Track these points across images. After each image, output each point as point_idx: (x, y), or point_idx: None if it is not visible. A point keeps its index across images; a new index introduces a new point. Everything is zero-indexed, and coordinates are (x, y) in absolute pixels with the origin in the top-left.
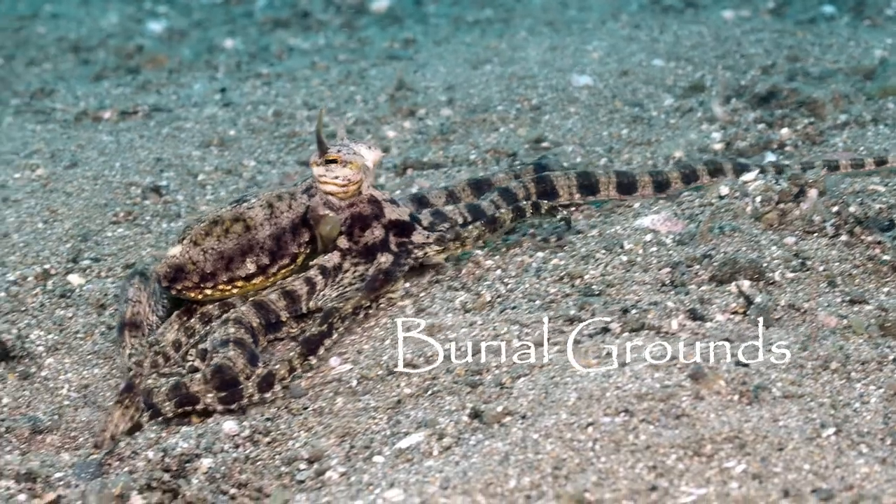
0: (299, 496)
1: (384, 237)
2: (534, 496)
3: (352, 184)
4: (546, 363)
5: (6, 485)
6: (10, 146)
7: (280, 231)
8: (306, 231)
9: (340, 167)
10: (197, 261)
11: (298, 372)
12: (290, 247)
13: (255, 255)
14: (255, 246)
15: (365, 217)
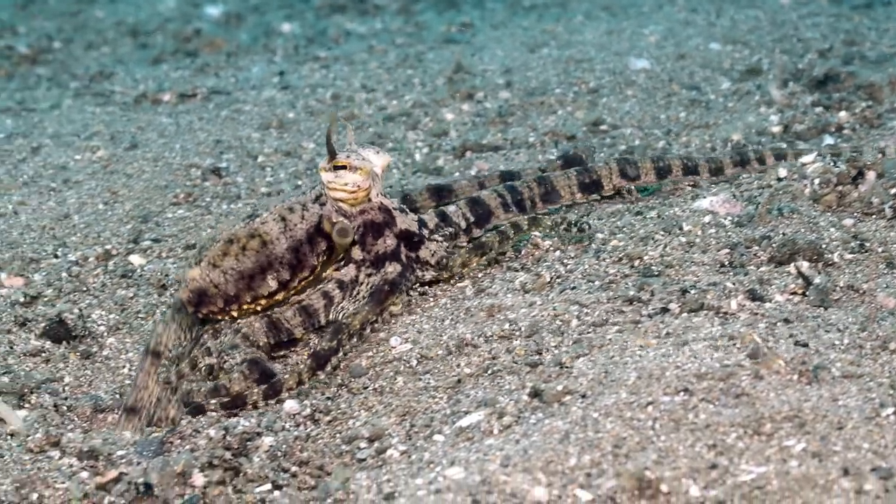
0: (360, 474)
1: (396, 247)
2: (594, 474)
3: (361, 190)
4: (605, 343)
5: (69, 462)
6: (70, 128)
7: (297, 243)
8: (322, 240)
9: (350, 173)
10: (218, 283)
11: (306, 386)
12: (310, 258)
13: (276, 271)
14: (275, 261)
15: (377, 225)
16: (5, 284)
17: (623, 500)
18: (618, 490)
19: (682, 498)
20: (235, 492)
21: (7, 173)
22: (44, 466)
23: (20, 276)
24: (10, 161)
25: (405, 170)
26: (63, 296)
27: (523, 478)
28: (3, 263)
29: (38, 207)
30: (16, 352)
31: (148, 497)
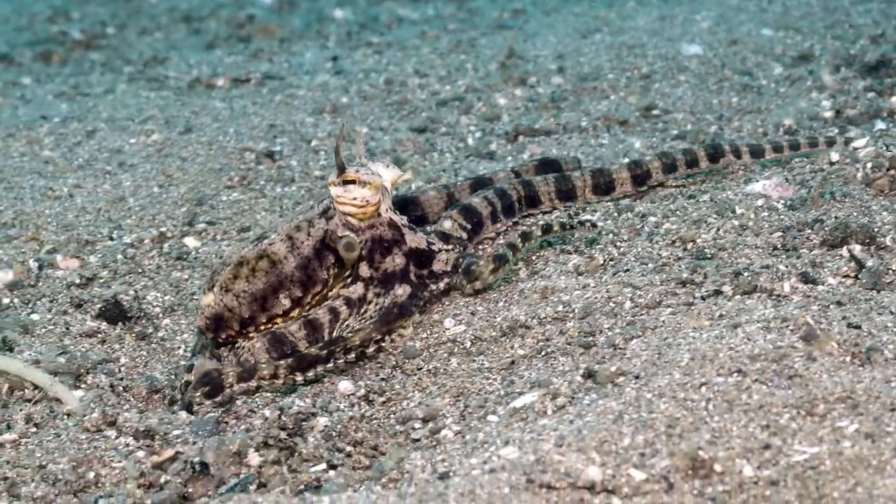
0: (414, 454)
1: (405, 266)
2: (648, 454)
3: (370, 205)
4: (659, 325)
5: (125, 441)
6: (124, 112)
7: (305, 260)
8: (330, 253)
9: (359, 188)
10: (232, 307)
11: (279, 383)
12: (319, 272)
13: (287, 290)
14: (286, 280)
15: (385, 241)
16: (61, 266)
17: (677, 479)
18: (671, 469)
19: (735, 478)
20: (290, 471)
21: (62, 156)
22: (100, 446)
23: (76, 257)
24: (65, 144)
25: (458, 154)
26: (118, 277)
27: (577, 457)
28: (58, 245)
29: (93, 190)
30: (72, 333)
31: (204, 476)
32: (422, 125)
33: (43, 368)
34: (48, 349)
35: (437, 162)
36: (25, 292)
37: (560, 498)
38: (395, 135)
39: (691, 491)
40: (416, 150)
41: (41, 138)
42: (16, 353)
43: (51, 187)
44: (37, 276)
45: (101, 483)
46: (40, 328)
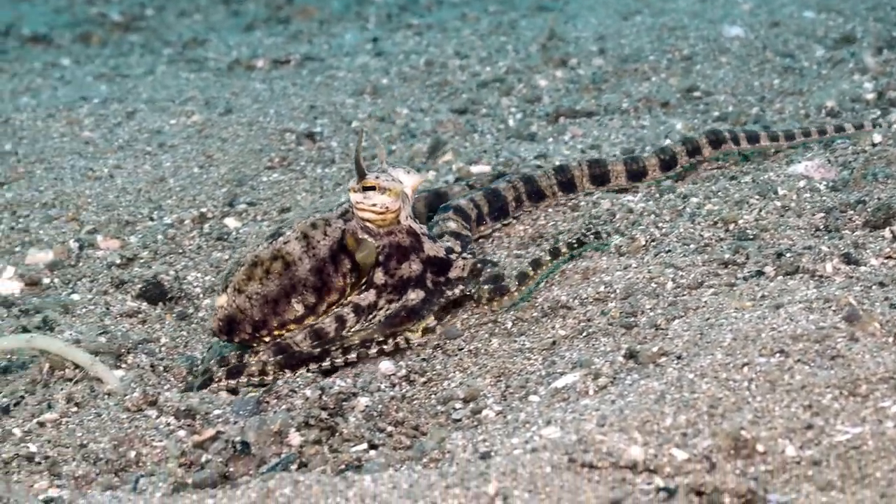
0: (455, 434)
1: (421, 273)
2: (690, 433)
3: (390, 212)
4: (701, 305)
5: (166, 420)
6: (164, 94)
7: (320, 263)
8: (346, 258)
9: (378, 194)
10: (244, 309)
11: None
12: (335, 279)
13: (300, 294)
14: (298, 284)
15: (403, 248)
16: (101, 247)
17: (719, 459)
18: (714, 449)
19: (778, 457)
20: (331, 451)
21: (102, 137)
22: (141, 425)
23: (116, 238)
24: (105, 125)
25: (498, 135)
26: (159, 258)
27: (619, 437)
28: (99, 226)
29: (133, 171)
30: (112, 313)
31: (245, 455)
32: (462, 106)
33: (83, 348)
34: (89, 329)
35: (478, 143)
36: (66, 272)
37: (602, 477)
38: (435, 116)
39: (734, 471)
40: (456, 131)
41: (81, 119)
42: (56, 332)
43: (91, 168)
44: (77, 257)
45: (142, 462)
46: (81, 308)
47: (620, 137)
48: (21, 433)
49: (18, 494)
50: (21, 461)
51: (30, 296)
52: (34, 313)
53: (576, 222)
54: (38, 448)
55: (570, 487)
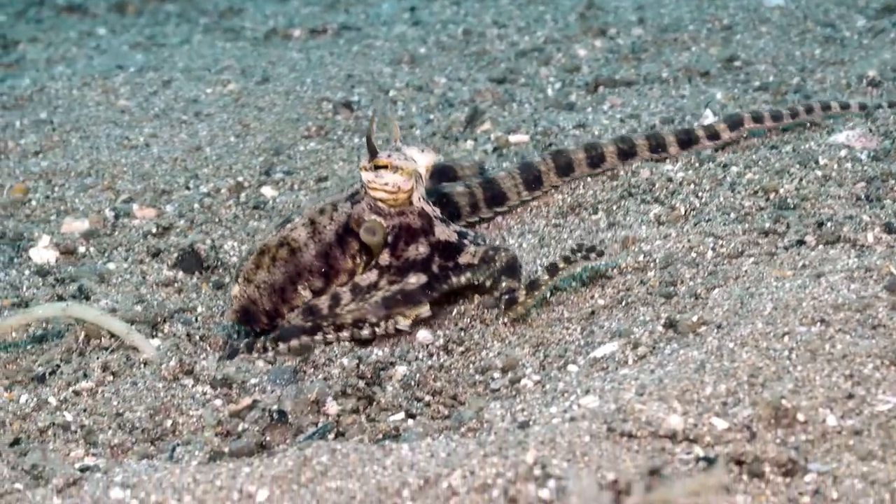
0: (493, 404)
1: (427, 257)
2: (730, 403)
3: (402, 191)
4: (741, 274)
5: (202, 389)
6: (200, 63)
7: (326, 247)
8: (353, 240)
9: (390, 173)
10: (255, 299)
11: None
12: (342, 262)
13: (306, 280)
14: (304, 271)
15: (413, 230)
16: (137, 216)
17: (759, 428)
18: (754, 419)
19: (818, 427)
20: (369, 420)
21: (138, 106)
22: (177, 394)
23: (152, 207)
24: (141, 94)
25: (537, 105)
26: (195, 227)
27: (659, 406)
28: (135, 195)
29: (169, 140)
30: (148, 282)
31: (282, 424)
32: (501, 76)
33: (119, 317)
34: (124, 298)
35: (517, 113)
36: (101, 241)
37: (641, 447)
38: (473, 85)
39: (774, 440)
40: (494, 100)
41: (117, 88)
42: (92, 301)
43: (127, 137)
44: (113, 226)
45: (179, 431)
46: (116, 277)
47: (660, 107)
48: (57, 402)
49: (54, 463)
50: (57, 430)
51: (65, 265)
52: (70, 282)
53: (615, 191)
54: (73, 417)
55: (608, 457)
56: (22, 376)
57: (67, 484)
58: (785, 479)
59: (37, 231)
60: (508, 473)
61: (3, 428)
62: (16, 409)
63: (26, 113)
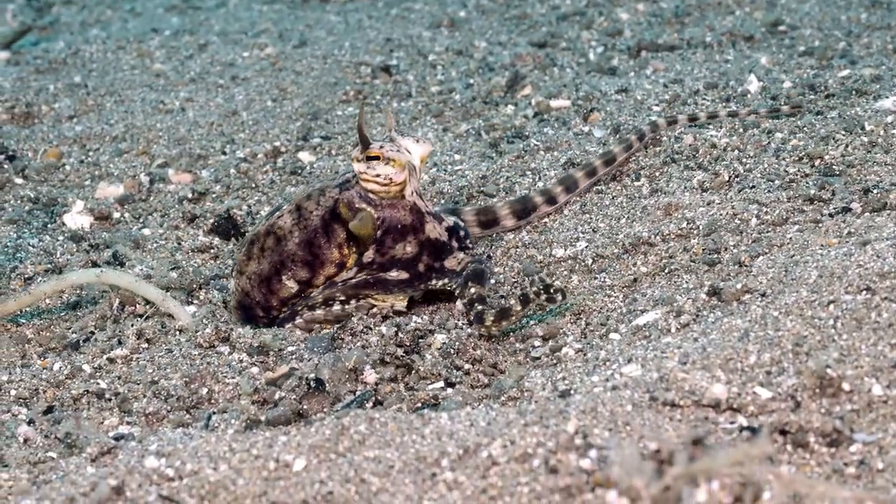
0: (534, 373)
1: (414, 256)
2: (774, 372)
3: (394, 184)
4: (786, 242)
5: (239, 357)
6: (237, 26)
7: (310, 234)
8: (340, 227)
9: (382, 164)
10: (247, 290)
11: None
12: (326, 251)
13: (290, 270)
14: (287, 260)
15: (402, 227)
16: (173, 181)
17: (804, 397)
18: (798, 388)
19: (864, 396)
20: (407, 389)
21: (174, 70)
22: (213, 362)
23: (188, 172)
24: (176, 58)
25: (579, 69)
26: (231, 192)
27: (702, 375)
28: (170, 160)
29: (205, 104)
30: (184, 248)
31: (319, 393)
32: (541, 40)
33: (154, 283)
34: (160, 264)
35: (558, 77)
36: (136, 207)
37: (684, 416)
38: (513, 49)
39: (819, 409)
40: (535, 65)
41: (152, 51)
42: (127, 267)
43: (162, 101)
44: (148, 191)
45: (215, 399)
46: (151, 243)
47: (703, 72)
48: (91, 369)
49: (88, 431)
50: (91, 398)
51: (100, 230)
52: (104, 248)
53: (658, 157)
54: (108, 384)
55: (651, 426)
56: (56, 343)
57: (101, 452)
58: (830, 450)
59: (71, 196)
60: (549, 443)
61: (36, 396)
62: (49, 376)
63: (60, 77)
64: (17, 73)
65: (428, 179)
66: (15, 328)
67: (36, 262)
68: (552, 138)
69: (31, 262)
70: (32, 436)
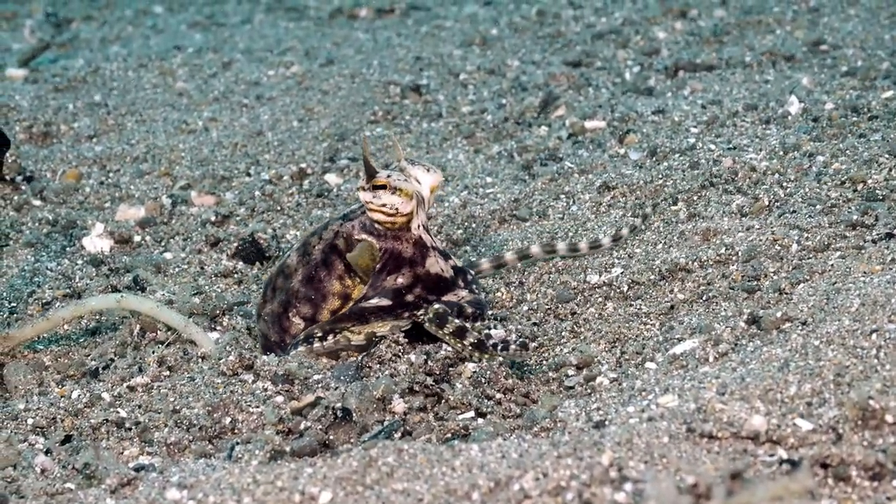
0: (568, 402)
1: (405, 286)
2: (815, 403)
3: (400, 214)
4: (827, 269)
5: (263, 386)
6: (262, 43)
7: (311, 269)
8: (338, 259)
9: (389, 194)
10: (266, 332)
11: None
12: (327, 284)
13: (295, 308)
14: (292, 297)
15: (401, 259)
16: (195, 203)
17: (846, 430)
18: (840, 420)
19: None
20: (437, 419)
21: (197, 88)
22: (237, 390)
23: (211, 194)
24: (200, 76)
25: (615, 89)
26: (256, 215)
27: (741, 406)
28: (193, 181)
29: (229, 124)
30: (206, 272)
31: (346, 422)
32: (576, 59)
33: (176, 309)
34: (182, 289)
35: (593, 98)
36: (158, 230)
37: (722, 448)
38: (547, 69)
39: (861, 442)
40: (570, 84)
41: (174, 69)
42: (148, 292)
43: (185, 120)
44: (170, 213)
45: (238, 429)
46: (173, 267)
47: (743, 93)
48: (110, 397)
49: (108, 461)
50: (110, 427)
51: (120, 254)
52: (125, 272)
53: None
54: (128, 413)
55: (688, 458)
56: (74, 370)
57: (121, 484)
58: (872, 483)
59: (90, 219)
60: (583, 475)
61: (54, 425)
62: (67, 404)
63: (80, 95)
64: (36, 92)
65: (459, 203)
66: (32, 355)
67: (54, 286)
68: (587, 161)
69: (48, 287)
70: (50, 466)
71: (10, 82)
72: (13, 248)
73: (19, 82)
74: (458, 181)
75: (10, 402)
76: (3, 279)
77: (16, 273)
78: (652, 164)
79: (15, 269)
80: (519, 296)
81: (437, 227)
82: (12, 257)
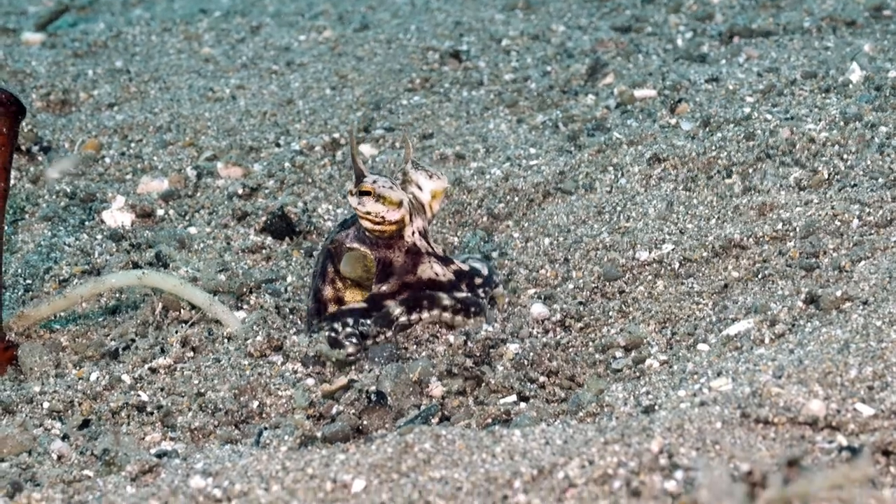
0: (615, 386)
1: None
2: (877, 387)
3: (387, 222)
4: (890, 245)
5: (293, 367)
6: (293, 7)
7: (313, 283)
8: (331, 266)
9: (372, 201)
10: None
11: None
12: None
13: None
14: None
15: (390, 269)
16: (222, 175)
17: None
18: None
19: None
20: (477, 403)
21: (224, 54)
22: (265, 372)
23: (238, 165)
24: (227, 41)
25: (665, 56)
26: (286, 188)
27: (798, 390)
28: (219, 152)
29: (258, 92)
30: (233, 248)
31: (380, 407)
32: (625, 24)
33: (201, 287)
34: (207, 266)
35: (643, 65)
36: (182, 203)
37: (778, 434)
38: (594, 34)
39: None
40: (618, 51)
41: (200, 34)
42: (171, 269)
43: (211, 88)
44: (195, 186)
45: (266, 413)
46: (198, 242)
47: (801, 60)
48: (131, 380)
49: (128, 447)
50: (131, 411)
51: (142, 228)
52: (146, 248)
53: (751, 152)
54: (149, 397)
55: (742, 445)
56: (93, 351)
57: (142, 471)
58: None
59: (111, 191)
60: (631, 463)
61: (71, 408)
62: (86, 387)
63: (100, 61)
64: (54, 57)
65: (501, 175)
66: (48, 335)
67: (72, 262)
68: (636, 131)
69: (66, 263)
70: (67, 452)
71: (27, 47)
72: (29, 222)
73: (36, 47)
74: (499, 152)
75: (25, 384)
76: (18, 255)
77: (32, 248)
78: (705, 135)
79: (31, 244)
80: (564, 273)
81: (478, 200)
82: (28, 232)
